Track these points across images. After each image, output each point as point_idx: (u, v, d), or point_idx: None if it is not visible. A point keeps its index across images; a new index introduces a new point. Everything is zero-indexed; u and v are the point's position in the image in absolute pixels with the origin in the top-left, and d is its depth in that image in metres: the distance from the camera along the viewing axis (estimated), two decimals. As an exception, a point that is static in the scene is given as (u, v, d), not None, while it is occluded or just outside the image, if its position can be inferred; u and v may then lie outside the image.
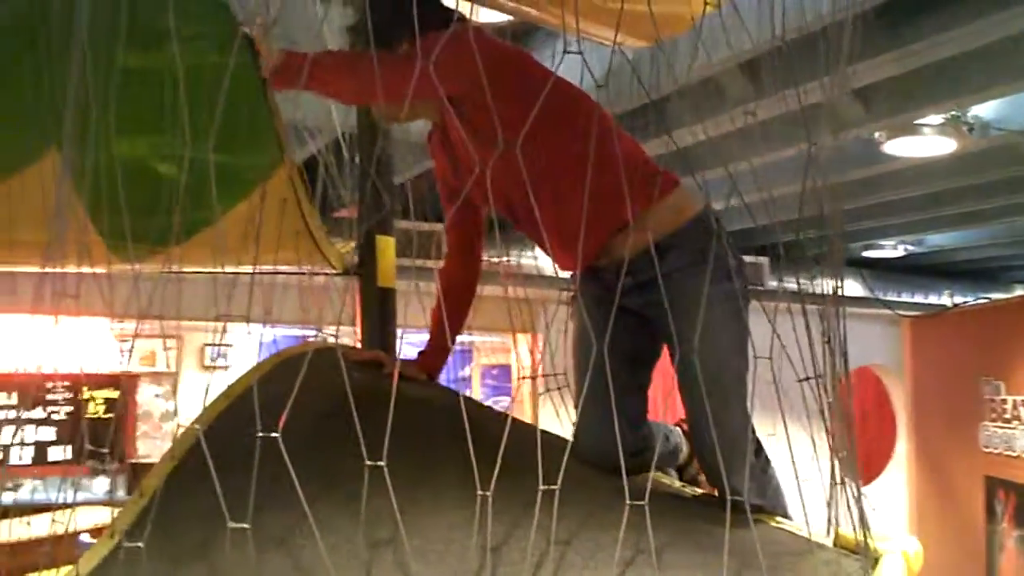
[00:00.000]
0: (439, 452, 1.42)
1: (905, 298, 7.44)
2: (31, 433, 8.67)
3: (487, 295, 1.92)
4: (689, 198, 1.66)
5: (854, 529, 1.66)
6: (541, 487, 1.18)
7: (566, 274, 1.79)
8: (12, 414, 8.60)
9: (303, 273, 2.01)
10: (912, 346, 5.98)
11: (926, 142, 3.73)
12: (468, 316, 1.85)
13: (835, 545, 1.62)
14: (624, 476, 1.20)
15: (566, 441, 1.78)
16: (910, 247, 6.98)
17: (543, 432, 1.78)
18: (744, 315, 1.58)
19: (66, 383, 8.68)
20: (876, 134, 3.76)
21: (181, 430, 1.61)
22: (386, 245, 2.21)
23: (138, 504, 1.46)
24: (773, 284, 6.87)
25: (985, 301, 6.35)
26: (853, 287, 7.08)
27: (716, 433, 1.38)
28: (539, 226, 1.54)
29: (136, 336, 1.43)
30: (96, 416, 8.42)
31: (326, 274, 2.07)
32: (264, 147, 1.72)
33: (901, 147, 3.87)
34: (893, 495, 6.66)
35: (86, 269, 1.77)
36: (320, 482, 1.34)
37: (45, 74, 1.60)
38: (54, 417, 8.76)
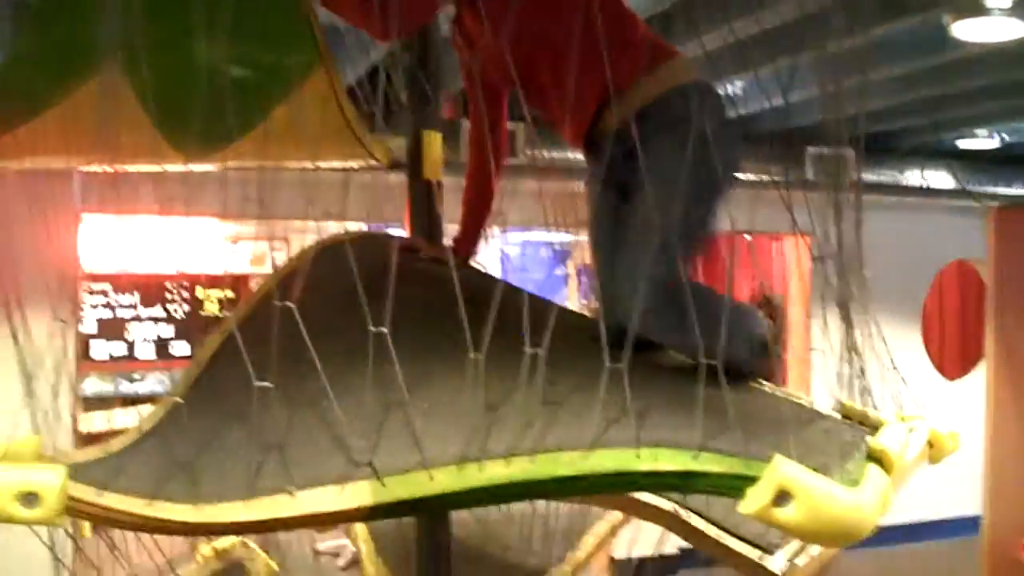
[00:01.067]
0: (452, 323, 1.52)
1: (1001, 190, 7.14)
2: (153, 329, 9.24)
3: (581, 191, 1.99)
4: (678, 69, 1.69)
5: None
6: (528, 350, 1.29)
7: None
8: (135, 312, 9.14)
9: (353, 169, 2.12)
10: (997, 237, 5.78)
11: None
12: (495, 201, 1.94)
13: (841, 416, 1.68)
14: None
15: (587, 317, 1.88)
16: (1007, 136, 6.65)
17: (570, 311, 1.88)
18: (710, 180, 1.54)
19: (183, 283, 9.15)
20: (944, 18, 3.59)
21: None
22: (431, 139, 2.29)
23: (191, 373, 1.63)
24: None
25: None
26: (942, 178, 6.82)
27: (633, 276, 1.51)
28: (546, 98, 1.64)
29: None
30: (211, 315, 8.91)
31: (371, 169, 2.18)
32: (302, 47, 1.81)
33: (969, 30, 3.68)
34: (972, 391, 6.56)
35: (193, 167, 1.91)
36: (344, 351, 1.47)
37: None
38: (174, 315, 9.29)
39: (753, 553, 1.87)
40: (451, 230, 2.23)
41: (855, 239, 1.49)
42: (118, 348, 8.78)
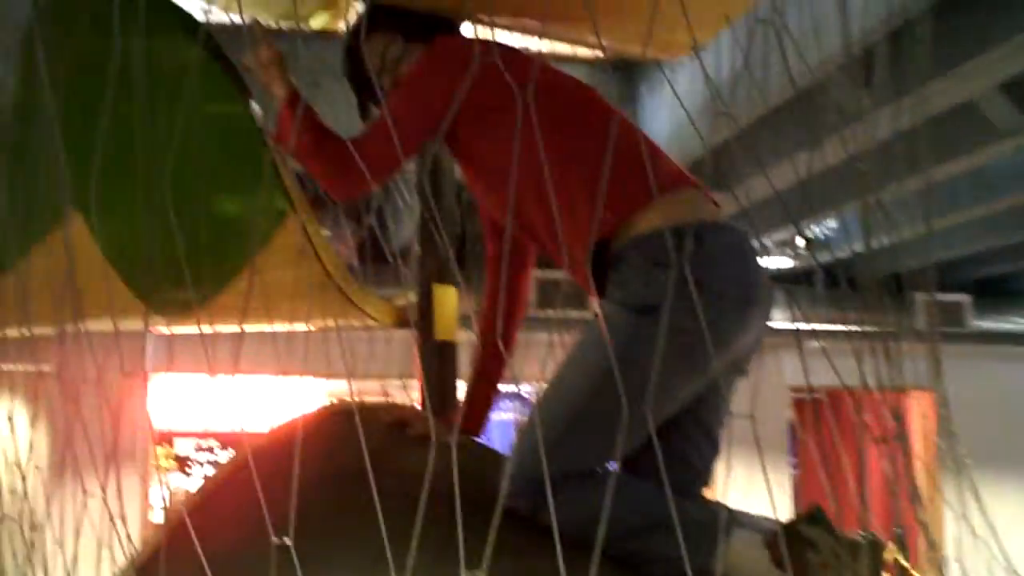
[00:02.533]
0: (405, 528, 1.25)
1: None
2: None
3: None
4: (653, 212, 1.38)
5: None
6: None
7: None
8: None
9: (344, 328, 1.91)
10: None
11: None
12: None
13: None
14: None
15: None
16: None
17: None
18: (634, 353, 1.22)
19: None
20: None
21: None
22: (444, 294, 2.06)
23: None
24: (979, 325, 6.11)
25: None
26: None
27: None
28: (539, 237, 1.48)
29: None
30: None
31: (367, 328, 1.96)
32: (270, 195, 1.63)
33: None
34: None
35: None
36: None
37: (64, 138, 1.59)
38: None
39: None
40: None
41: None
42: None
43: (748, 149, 2.80)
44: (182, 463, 7.31)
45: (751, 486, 1.30)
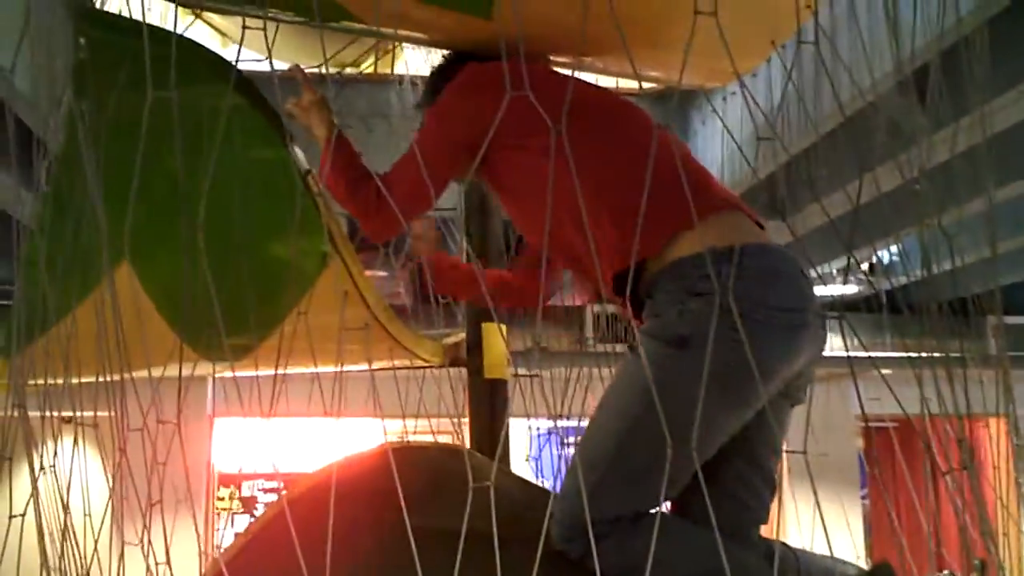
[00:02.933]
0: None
1: None
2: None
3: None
4: (691, 235, 1.30)
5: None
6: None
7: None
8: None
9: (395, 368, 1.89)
10: None
11: None
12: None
13: None
14: None
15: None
16: None
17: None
18: (668, 387, 1.09)
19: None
20: None
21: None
22: (492, 333, 2.04)
23: None
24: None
25: None
26: None
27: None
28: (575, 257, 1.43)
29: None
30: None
31: (416, 368, 1.94)
32: (313, 239, 1.63)
33: None
34: None
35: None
36: None
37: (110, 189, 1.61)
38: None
39: None
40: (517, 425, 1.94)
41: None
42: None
43: (802, 176, 2.72)
44: (249, 504, 7.37)
45: (820, 518, 1.24)
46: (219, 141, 1.44)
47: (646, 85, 2.43)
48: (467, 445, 2.00)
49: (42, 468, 1.49)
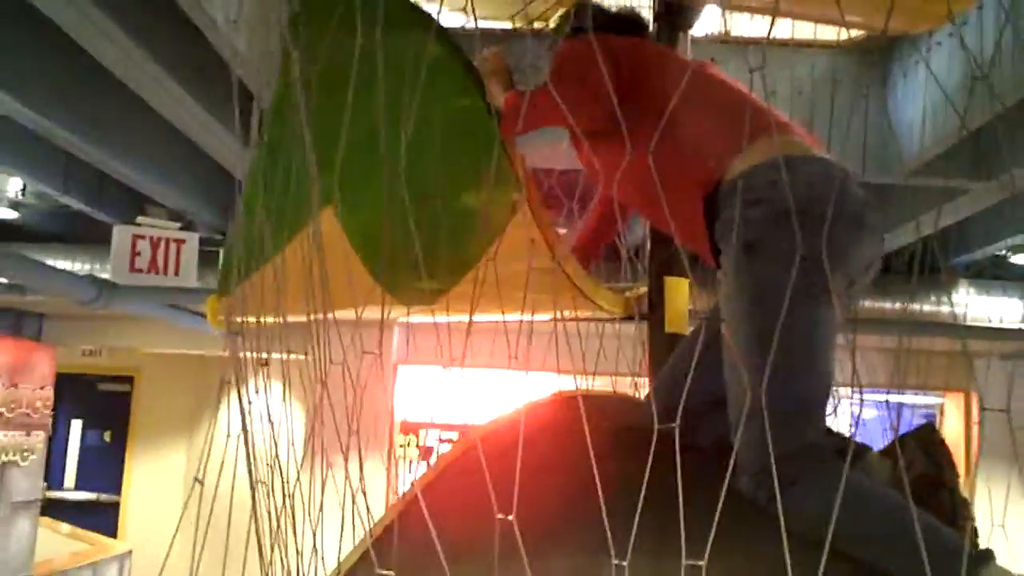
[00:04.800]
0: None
1: None
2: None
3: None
4: (749, 152, 1.40)
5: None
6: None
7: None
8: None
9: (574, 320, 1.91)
10: None
11: None
12: None
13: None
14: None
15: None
16: None
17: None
18: (775, 292, 1.14)
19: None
20: None
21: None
22: (675, 287, 2.01)
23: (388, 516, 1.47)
24: None
25: None
26: None
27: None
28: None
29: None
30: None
31: (598, 320, 1.94)
32: (503, 185, 1.65)
33: None
34: None
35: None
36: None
37: (316, 140, 1.70)
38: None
39: None
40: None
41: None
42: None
43: (1013, 130, 2.51)
44: (426, 454, 7.67)
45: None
46: (420, 90, 1.49)
47: (845, 34, 2.31)
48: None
49: (249, 399, 1.61)
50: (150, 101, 3.33)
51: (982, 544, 1.29)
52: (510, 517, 1.07)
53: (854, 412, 1.08)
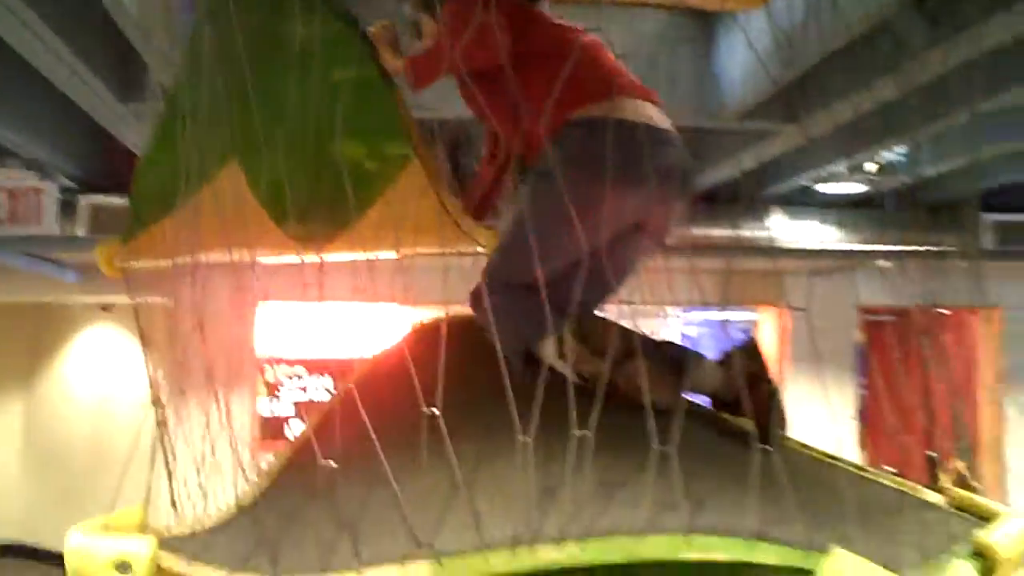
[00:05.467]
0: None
1: None
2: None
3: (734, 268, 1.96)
4: (589, 106, 1.76)
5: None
6: (576, 432, 1.26)
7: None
8: (328, 394, 9.54)
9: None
10: None
11: None
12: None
13: (955, 506, 1.52)
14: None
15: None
16: None
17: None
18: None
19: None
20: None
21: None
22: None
23: (285, 454, 1.70)
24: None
25: None
26: None
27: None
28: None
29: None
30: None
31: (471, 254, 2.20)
32: (397, 140, 1.89)
33: None
34: None
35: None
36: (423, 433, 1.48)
37: (225, 101, 1.86)
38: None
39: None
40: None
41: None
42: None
43: (815, 86, 2.94)
44: (272, 388, 7.80)
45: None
46: (324, 60, 1.71)
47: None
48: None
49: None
50: (10, 43, 3.20)
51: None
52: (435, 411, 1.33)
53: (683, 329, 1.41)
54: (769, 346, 7.78)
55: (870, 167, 4.84)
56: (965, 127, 4.29)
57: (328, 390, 8.22)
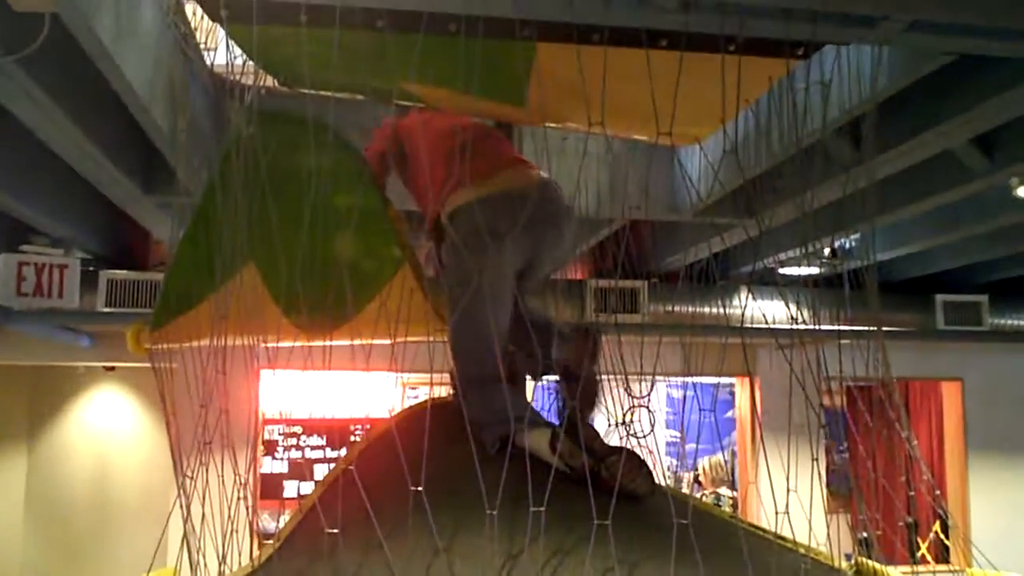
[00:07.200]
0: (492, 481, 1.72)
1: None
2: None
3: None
4: (470, 190, 2.05)
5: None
6: (532, 509, 1.49)
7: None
8: (322, 453, 9.63)
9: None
10: None
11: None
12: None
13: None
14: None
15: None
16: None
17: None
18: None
19: (366, 425, 9.62)
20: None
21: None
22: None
23: (295, 516, 1.92)
24: (995, 322, 6.42)
25: None
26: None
27: None
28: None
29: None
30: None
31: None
32: (391, 249, 2.17)
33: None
34: None
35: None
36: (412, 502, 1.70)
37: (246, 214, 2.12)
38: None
39: None
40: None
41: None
42: (306, 487, 9.29)
43: (769, 185, 3.28)
44: (270, 447, 7.97)
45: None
46: (333, 182, 1.99)
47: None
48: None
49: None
50: (36, 132, 3.32)
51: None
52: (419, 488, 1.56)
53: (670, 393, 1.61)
54: (744, 412, 8.05)
55: (825, 252, 5.13)
56: (913, 220, 4.62)
57: (322, 448, 8.38)
